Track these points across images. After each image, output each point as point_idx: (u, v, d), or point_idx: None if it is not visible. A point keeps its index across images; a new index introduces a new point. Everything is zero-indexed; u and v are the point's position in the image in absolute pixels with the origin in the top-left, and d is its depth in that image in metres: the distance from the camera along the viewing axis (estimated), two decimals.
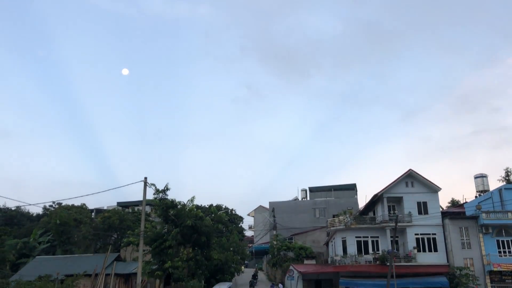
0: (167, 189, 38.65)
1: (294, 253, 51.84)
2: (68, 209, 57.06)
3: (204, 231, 39.41)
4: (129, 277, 39.70)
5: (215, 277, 44.62)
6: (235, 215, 64.84)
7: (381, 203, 41.47)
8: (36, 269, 38.42)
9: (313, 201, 67.32)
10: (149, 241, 37.77)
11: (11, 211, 61.19)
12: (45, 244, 52.25)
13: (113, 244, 51.10)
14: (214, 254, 42.57)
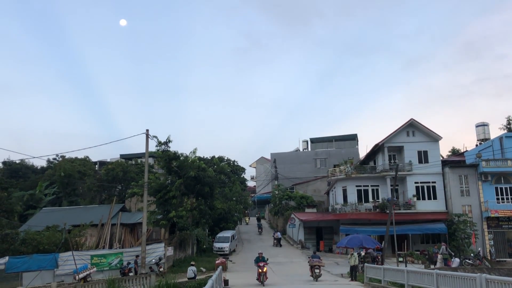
0: (169, 141, 38.96)
1: (296, 202, 52.86)
2: (72, 161, 57.59)
3: (207, 182, 40.03)
4: (135, 226, 40.68)
5: (218, 225, 45.87)
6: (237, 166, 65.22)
7: (382, 152, 41.79)
8: (44, 219, 39.30)
9: (314, 151, 67.79)
10: (153, 192, 38.46)
11: (15, 164, 61.76)
12: (51, 196, 53.17)
13: (118, 195, 51.92)
14: (217, 204, 43.47)
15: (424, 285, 15.88)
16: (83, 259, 29.52)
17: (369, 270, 22.41)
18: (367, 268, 22.84)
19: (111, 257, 31.13)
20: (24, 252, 29.84)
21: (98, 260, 30.19)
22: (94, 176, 56.60)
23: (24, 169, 63.89)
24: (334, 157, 62.30)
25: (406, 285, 17.12)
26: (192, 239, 38.53)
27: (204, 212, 40.83)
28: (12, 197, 39.92)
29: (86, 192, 55.31)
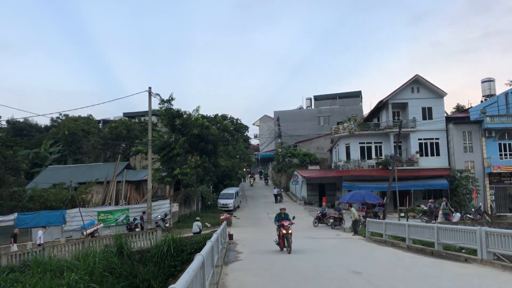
0: (172, 99, 38.77)
1: (299, 159, 53.16)
2: (76, 120, 57.64)
3: (210, 140, 40.18)
4: (140, 184, 41.25)
5: (222, 182, 46.42)
6: (240, 125, 65.31)
7: (386, 109, 41.54)
8: (50, 177, 39.87)
9: (318, 109, 67.48)
10: (157, 150, 38.69)
11: (19, 123, 61.96)
12: (56, 154, 53.66)
13: (122, 153, 52.32)
14: (221, 161, 43.78)
15: (425, 239, 16.16)
16: (90, 215, 30.11)
17: (371, 224, 22.78)
18: (368, 223, 23.19)
19: (118, 213, 31.74)
20: (32, 208, 30.44)
21: (104, 216, 30.80)
22: (98, 134, 56.83)
23: (28, 128, 64.11)
24: (338, 114, 62.06)
25: (407, 238, 17.42)
26: (197, 196, 39.10)
27: (208, 170, 41.22)
28: (18, 156, 40.19)
29: (90, 150, 55.72)
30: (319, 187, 45.77)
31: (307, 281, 10.42)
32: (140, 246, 23.15)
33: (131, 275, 19.76)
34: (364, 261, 14.10)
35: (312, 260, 14.54)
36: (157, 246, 22.20)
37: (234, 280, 10.78)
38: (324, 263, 13.71)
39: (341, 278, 10.65)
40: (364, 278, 10.61)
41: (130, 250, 21.86)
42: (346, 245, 19.59)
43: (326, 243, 20.54)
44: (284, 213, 16.96)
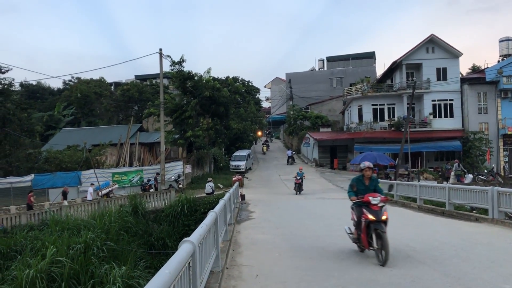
0: (183, 60, 38.54)
1: (310, 122, 52.99)
2: (88, 82, 57.84)
3: (222, 102, 40.12)
4: (153, 146, 41.71)
5: (234, 145, 46.68)
6: (251, 87, 64.85)
7: (400, 70, 40.85)
8: (64, 139, 40.50)
9: (330, 71, 66.55)
10: (169, 112, 38.83)
11: (32, 86, 62.31)
12: (69, 116, 54.22)
13: (135, 115, 52.69)
14: (233, 124, 43.88)
15: (436, 199, 16.23)
16: (105, 177, 30.70)
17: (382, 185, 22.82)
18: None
19: (132, 174, 32.28)
20: (47, 170, 31.09)
21: (119, 178, 31.36)
22: (110, 97, 57.09)
23: (41, 91, 64.51)
24: (351, 76, 61.16)
25: (418, 199, 17.52)
26: (209, 157, 39.46)
27: (220, 132, 41.40)
28: (32, 118, 40.78)
29: (103, 113, 56.17)
30: (331, 149, 45.79)
31: (317, 239, 10.61)
32: (154, 206, 23.67)
33: (146, 233, 20.30)
34: None
35: (323, 219, 14.75)
36: (171, 206, 22.67)
37: (246, 238, 11.02)
38: (335, 222, 13.88)
39: None
40: None
41: (145, 210, 22.36)
42: None
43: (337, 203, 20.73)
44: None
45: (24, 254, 14.37)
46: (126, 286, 11.63)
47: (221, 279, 6.39)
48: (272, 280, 6.69)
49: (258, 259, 8.34)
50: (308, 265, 7.71)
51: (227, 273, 7.12)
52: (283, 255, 8.72)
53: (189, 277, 4.00)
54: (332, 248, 9.24)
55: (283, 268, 7.52)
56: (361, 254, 8.44)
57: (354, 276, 6.80)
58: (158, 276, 2.90)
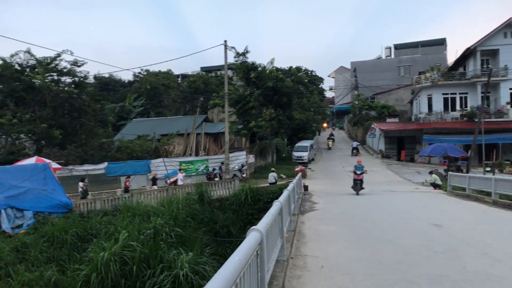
0: (246, 51, 38.95)
1: (376, 112, 51.57)
2: (156, 75, 60.10)
3: (285, 92, 40.09)
4: (218, 136, 42.65)
5: (297, 135, 46.49)
6: (315, 77, 63.97)
7: (473, 57, 38.53)
8: (134, 129, 42.48)
9: (398, 58, 64.19)
10: (233, 103, 39.42)
11: (105, 78, 65.68)
12: (139, 107, 56.72)
13: (200, 106, 54.03)
14: (296, 114, 43.71)
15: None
16: (173, 165, 31.80)
17: (453, 178, 21.81)
18: (450, 176, 22.21)
19: (198, 163, 33.19)
20: (119, 158, 32.74)
21: (186, 166, 32.35)
22: (178, 88, 58.95)
23: (113, 83, 67.80)
24: (420, 64, 58.62)
25: (493, 193, 16.52)
26: (272, 148, 39.66)
27: (283, 122, 41.44)
28: (105, 109, 43.04)
29: (171, 104, 58.18)
30: (398, 140, 44.33)
31: (383, 231, 10.35)
32: (219, 195, 24.23)
33: (211, 221, 20.84)
34: (445, 214, 13.64)
35: (389, 212, 14.36)
36: (235, 195, 23.11)
37: (310, 228, 10.98)
38: (402, 215, 13.48)
39: (420, 230, 10.43)
40: (444, 231, 10.30)
41: (210, 198, 22.96)
42: (426, 199, 19.01)
43: (405, 196, 20.09)
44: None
45: (99, 238, 15.30)
46: (193, 271, 12.02)
47: (287, 269, 6.43)
48: (338, 272, 6.63)
49: (323, 250, 8.29)
50: (374, 258, 7.56)
51: (292, 263, 7.14)
52: (348, 247, 8.60)
53: (257, 265, 4.06)
54: (399, 242, 8.98)
55: (348, 260, 7.42)
56: (430, 249, 8.13)
57: (423, 271, 6.58)
58: (229, 262, 2.97)
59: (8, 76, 32.73)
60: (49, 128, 31.74)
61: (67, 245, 15.36)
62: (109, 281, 12.06)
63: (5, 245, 14.50)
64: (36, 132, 31.68)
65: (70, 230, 15.94)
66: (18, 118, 31.29)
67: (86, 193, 24.14)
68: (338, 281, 6.17)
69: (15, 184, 18.84)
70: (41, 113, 32.74)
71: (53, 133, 31.45)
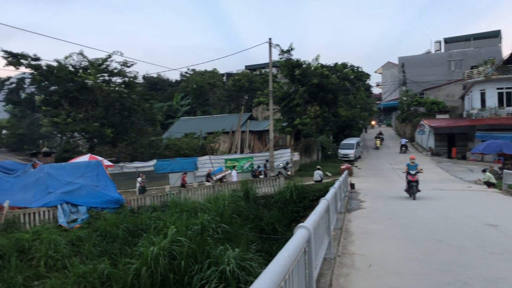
0: (291, 49, 38.79)
1: (425, 108, 50.01)
2: (202, 74, 61.19)
3: (330, 89, 39.64)
4: (262, 133, 42.83)
5: (343, 132, 45.87)
6: (361, 73, 62.76)
7: None
8: (181, 128, 43.48)
9: (448, 53, 61.84)
10: (277, 101, 39.42)
11: (153, 78, 67.50)
12: (186, 106, 57.96)
13: (245, 104, 54.47)
14: (341, 111, 43.15)
15: None
16: (218, 163, 32.24)
17: (509, 176, 20.79)
18: (506, 175, 21.18)
19: (243, 161, 33.48)
20: (167, 156, 33.57)
21: (231, 164, 32.70)
22: (223, 87, 59.69)
23: (161, 83, 69.55)
24: (472, 58, 56.18)
25: None
26: (317, 145, 39.36)
27: (328, 120, 41.01)
28: (154, 108, 44.29)
29: (216, 102, 59.02)
30: (448, 137, 42.79)
31: (433, 231, 10.05)
32: (264, 192, 24.31)
33: (257, 218, 20.97)
34: (500, 214, 13.06)
35: (440, 211, 13.92)
36: (280, 192, 23.13)
37: (357, 227, 10.85)
38: (454, 214, 13.04)
39: (473, 230, 10.05)
40: (500, 231, 9.87)
41: (255, 195, 23.06)
42: (480, 198, 18.25)
43: (456, 194, 19.39)
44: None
45: (149, 233, 15.78)
46: (239, 267, 12.16)
47: (334, 267, 6.40)
48: (387, 271, 6.52)
49: (371, 248, 8.17)
50: (424, 258, 7.37)
51: (339, 261, 7.09)
52: (397, 246, 8.43)
53: (305, 262, 4.07)
54: (450, 241, 8.70)
55: (397, 259, 7.28)
56: (485, 250, 7.82)
57: (477, 273, 6.34)
58: (278, 258, 3.00)
59: (63, 77, 34.27)
60: (101, 126, 33.02)
61: (119, 240, 15.94)
62: (159, 275, 12.42)
63: (61, 238, 15.22)
64: (89, 130, 33.03)
65: (121, 225, 16.53)
66: (72, 118, 32.76)
67: (144, 188, 25.01)
68: (387, 280, 6.07)
69: (70, 180, 19.75)
70: (94, 112, 34.08)
71: (104, 131, 32.70)
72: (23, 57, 33.91)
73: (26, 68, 34.62)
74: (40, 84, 35.69)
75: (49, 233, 15.14)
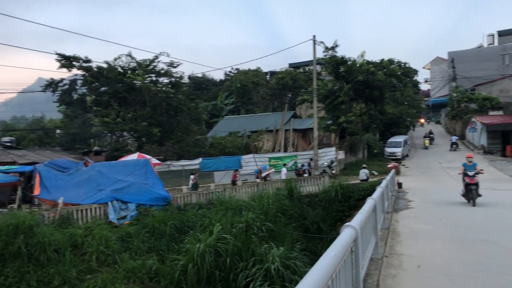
0: (336, 45, 38.38)
1: (477, 104, 47.98)
2: (246, 73, 61.60)
3: (376, 86, 38.88)
4: (306, 132, 42.59)
5: (389, 130, 44.81)
6: (408, 69, 61.04)
7: None
8: (226, 126, 43.99)
9: (502, 46, 59.00)
10: (322, 98, 39.06)
11: (198, 78, 68.67)
12: (230, 105, 58.61)
13: (289, 103, 54.37)
14: (388, 108, 42.17)
15: None
16: (262, 161, 32.36)
17: None
18: None
19: (287, 159, 33.41)
20: (212, 154, 34.09)
21: (275, 162, 32.74)
22: (266, 85, 59.85)
23: (205, 82, 70.61)
24: None
25: None
26: (363, 143, 38.71)
27: (374, 117, 40.19)
28: (199, 107, 45.04)
29: (260, 101, 59.29)
30: (502, 134, 40.78)
31: (487, 232, 9.64)
32: (308, 191, 24.18)
33: (301, 217, 20.88)
34: None
35: (492, 211, 13.33)
36: (324, 191, 22.90)
37: (405, 227, 10.58)
38: (508, 214, 12.48)
39: None
40: None
41: (300, 194, 22.97)
42: None
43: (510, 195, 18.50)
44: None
45: (195, 230, 16.08)
46: (284, 266, 12.16)
47: (381, 267, 6.28)
48: (436, 272, 6.33)
49: (419, 249, 7.95)
50: (476, 260, 7.09)
51: (386, 261, 6.95)
52: (447, 247, 8.15)
53: (351, 261, 4.03)
54: (505, 243, 8.32)
55: (447, 261, 7.04)
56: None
57: None
58: (324, 257, 2.99)
59: (112, 78, 35.51)
60: (148, 126, 33.98)
61: (166, 236, 16.33)
62: (205, 272, 12.61)
63: (112, 234, 15.77)
64: (137, 130, 34.06)
65: (168, 222, 16.92)
66: (121, 117, 33.89)
67: (196, 185, 25.60)
68: (437, 282, 5.89)
69: (120, 178, 20.42)
70: (142, 112, 35.11)
71: (152, 130, 33.62)
72: (75, 59, 35.44)
73: (78, 70, 36.17)
74: (91, 85, 37.15)
75: (100, 229, 15.70)
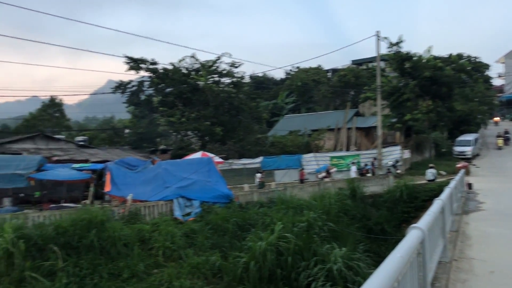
0: (400, 41, 37.25)
1: None
2: (306, 71, 61.21)
3: (444, 82, 37.25)
4: (369, 130, 41.58)
5: (458, 128, 42.72)
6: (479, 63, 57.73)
7: None
8: (286, 125, 43.97)
9: None
10: (386, 95, 37.97)
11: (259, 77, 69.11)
12: (290, 104, 58.54)
13: (351, 100, 53.35)
14: (457, 105, 40.25)
15: None
16: (323, 160, 32.03)
17: None
18: None
19: (349, 158, 32.83)
20: (273, 153, 34.24)
21: (336, 161, 32.29)
22: (328, 83, 59.15)
23: (266, 81, 70.89)
24: None
25: None
26: (429, 142, 37.27)
27: (442, 115, 38.49)
28: (260, 107, 45.41)
29: (321, 99, 58.68)
30: None
31: None
32: (372, 191, 23.63)
33: (364, 217, 20.46)
34: None
35: None
36: (389, 192, 22.31)
37: (476, 230, 10.04)
38: None
39: None
40: None
41: (362, 194, 22.49)
42: None
43: None
44: None
45: (256, 228, 16.22)
46: (346, 267, 11.97)
47: (450, 271, 6.01)
48: None
49: (492, 253, 7.52)
50: None
51: (455, 265, 6.64)
52: None
53: (418, 264, 3.90)
54: None
55: None
56: None
57: None
58: (390, 259, 2.92)
59: (177, 79, 36.70)
60: (211, 125, 34.79)
61: (229, 233, 16.61)
62: (266, 270, 12.70)
63: (177, 230, 16.29)
64: (201, 129, 34.98)
65: (231, 219, 17.19)
66: (185, 117, 34.95)
67: (263, 184, 25.96)
68: None
69: (185, 176, 21.05)
70: (205, 112, 36.00)
71: (215, 130, 34.38)
72: (142, 61, 37.02)
73: (145, 72, 37.73)
74: (157, 86, 38.61)
75: (166, 225, 16.25)
